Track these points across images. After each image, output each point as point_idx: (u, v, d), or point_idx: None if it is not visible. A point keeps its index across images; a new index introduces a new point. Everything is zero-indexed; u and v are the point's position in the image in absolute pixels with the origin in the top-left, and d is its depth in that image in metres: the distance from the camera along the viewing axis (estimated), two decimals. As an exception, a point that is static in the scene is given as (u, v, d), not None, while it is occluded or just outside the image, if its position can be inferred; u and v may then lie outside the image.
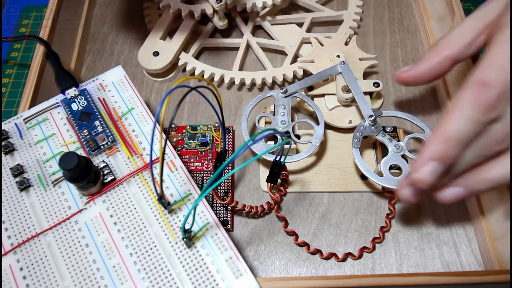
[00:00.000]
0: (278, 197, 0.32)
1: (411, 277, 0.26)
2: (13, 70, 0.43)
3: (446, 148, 0.23)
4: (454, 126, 0.22)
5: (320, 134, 0.32)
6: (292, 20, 0.42)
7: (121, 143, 0.30)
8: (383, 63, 0.41)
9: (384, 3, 0.45)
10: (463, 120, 0.22)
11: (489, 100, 0.22)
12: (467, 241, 0.32)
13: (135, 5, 0.46)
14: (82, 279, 0.25)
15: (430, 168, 0.23)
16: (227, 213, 0.32)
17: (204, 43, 0.41)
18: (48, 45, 0.35)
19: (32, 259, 0.26)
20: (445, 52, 0.27)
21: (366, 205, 0.33)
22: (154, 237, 0.26)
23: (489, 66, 0.22)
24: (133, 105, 0.31)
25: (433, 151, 0.23)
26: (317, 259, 0.31)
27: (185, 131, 0.35)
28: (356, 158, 0.31)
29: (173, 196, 0.28)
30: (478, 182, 0.24)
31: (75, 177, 0.26)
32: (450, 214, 0.33)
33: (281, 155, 0.30)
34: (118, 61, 0.41)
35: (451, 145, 0.23)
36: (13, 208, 0.27)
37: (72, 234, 0.27)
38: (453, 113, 0.23)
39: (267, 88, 0.39)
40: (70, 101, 0.31)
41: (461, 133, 0.22)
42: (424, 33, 0.42)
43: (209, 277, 0.25)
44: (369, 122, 0.32)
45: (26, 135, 0.30)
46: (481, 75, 0.22)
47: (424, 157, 0.23)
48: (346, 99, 0.34)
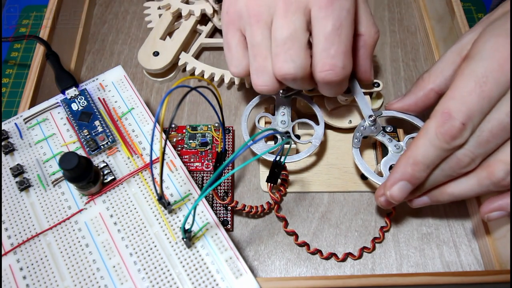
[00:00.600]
0: (278, 197, 0.32)
1: (411, 277, 0.26)
2: (13, 70, 0.43)
3: (413, 171, 0.26)
4: (420, 151, 0.25)
5: (320, 134, 0.32)
6: (292, 20, 0.42)
7: (121, 143, 0.30)
8: (383, 63, 0.41)
9: (384, 3, 0.45)
10: (429, 146, 0.25)
11: (451, 130, 0.24)
12: (467, 241, 0.32)
13: (135, 5, 0.46)
14: (82, 279, 0.25)
15: (399, 187, 0.27)
16: (227, 213, 0.32)
17: (204, 43, 0.41)
18: (48, 45, 0.35)
19: (32, 259, 0.26)
20: (429, 85, 0.29)
21: (366, 205, 0.33)
22: (154, 237, 0.26)
23: (452, 97, 0.25)
24: (133, 105, 0.31)
25: (402, 172, 0.26)
26: (317, 259, 0.31)
27: (185, 131, 0.35)
28: (356, 158, 0.31)
29: (173, 196, 0.28)
30: (441, 194, 0.27)
31: (75, 177, 0.26)
32: (450, 214, 0.33)
33: (281, 155, 0.30)
34: (118, 61, 0.41)
35: (418, 168, 0.26)
36: (13, 208, 0.27)
37: (72, 234, 0.27)
38: (420, 140, 0.25)
39: (267, 88, 0.39)
40: (70, 101, 0.31)
41: (427, 159, 0.25)
42: (424, 33, 0.42)
43: (209, 277, 0.25)
44: (369, 122, 0.32)
45: (26, 135, 0.30)
46: (445, 106, 0.25)
47: (394, 177, 0.27)
48: (346, 99, 0.34)
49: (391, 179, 0.27)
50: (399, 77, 0.40)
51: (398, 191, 0.27)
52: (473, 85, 0.24)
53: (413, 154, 0.26)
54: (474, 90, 0.24)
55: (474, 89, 0.24)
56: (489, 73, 0.24)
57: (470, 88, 0.24)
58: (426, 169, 0.26)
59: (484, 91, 0.24)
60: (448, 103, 0.25)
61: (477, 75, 0.24)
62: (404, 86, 0.39)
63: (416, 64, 0.40)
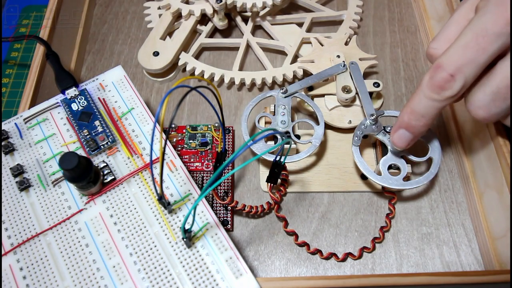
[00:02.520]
0: (278, 197, 0.32)
1: (411, 277, 0.26)
2: (13, 70, 0.43)
3: (409, 119, 0.27)
4: (415, 101, 0.27)
5: (320, 134, 0.32)
6: (292, 20, 0.42)
7: (121, 143, 0.30)
8: (383, 63, 0.41)
9: (384, 3, 0.45)
10: (422, 97, 0.26)
11: (439, 81, 0.25)
12: (467, 241, 0.32)
13: (135, 5, 0.46)
14: (82, 279, 0.25)
15: (399, 134, 0.28)
16: (227, 213, 0.32)
17: (204, 43, 0.41)
18: (48, 45, 0.35)
19: (32, 259, 0.26)
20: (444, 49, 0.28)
21: (366, 205, 0.33)
22: (154, 237, 0.26)
23: (447, 51, 0.25)
24: (133, 105, 0.31)
25: (400, 121, 0.28)
26: (317, 259, 0.31)
27: (185, 131, 0.35)
28: (356, 156, 0.31)
29: (173, 196, 0.28)
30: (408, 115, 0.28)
31: (75, 177, 0.26)
32: (450, 214, 0.33)
33: (281, 155, 0.30)
34: (118, 61, 0.41)
35: (413, 117, 0.27)
36: (13, 208, 0.27)
37: (72, 234, 0.27)
38: (417, 90, 0.27)
39: (267, 88, 0.39)
40: (70, 101, 0.31)
41: (421, 108, 0.27)
42: (424, 33, 0.42)
43: (209, 277, 0.25)
44: (370, 121, 0.32)
45: (26, 135, 0.30)
46: (439, 59, 0.25)
47: (396, 125, 0.29)
48: (346, 99, 0.34)
49: (394, 127, 0.29)
50: (399, 77, 0.40)
51: (398, 138, 0.29)
52: (469, 38, 0.24)
53: (409, 103, 0.27)
54: (469, 42, 0.24)
55: (470, 42, 0.24)
56: (490, 26, 0.23)
57: (467, 41, 0.24)
58: (421, 118, 0.27)
59: (480, 43, 0.24)
60: (442, 56, 0.25)
61: (476, 28, 0.24)
62: (404, 86, 0.39)
63: (416, 64, 0.40)
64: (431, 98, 0.26)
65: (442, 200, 0.33)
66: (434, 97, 0.26)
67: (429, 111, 0.26)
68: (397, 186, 0.30)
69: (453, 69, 0.24)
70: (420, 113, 0.27)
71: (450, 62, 0.25)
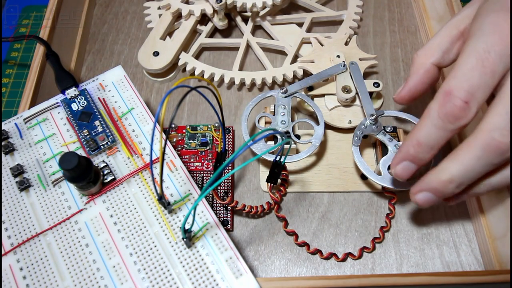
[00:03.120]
0: (278, 197, 0.32)
1: (411, 277, 0.26)
2: (13, 70, 0.43)
3: (416, 152, 0.25)
4: (423, 132, 0.25)
5: (320, 134, 0.32)
6: (292, 20, 0.42)
7: (121, 143, 0.30)
8: (383, 63, 0.41)
9: (384, 3, 0.45)
10: (431, 128, 0.24)
11: (453, 110, 0.23)
12: (467, 241, 0.32)
13: (135, 5, 0.46)
14: (82, 279, 0.25)
15: (402, 166, 0.26)
16: (227, 213, 0.32)
17: (204, 43, 0.41)
18: (48, 45, 0.35)
19: (32, 259, 0.26)
20: (429, 60, 0.29)
21: (366, 205, 0.33)
22: (154, 237, 0.26)
23: (453, 76, 0.24)
24: (133, 105, 0.31)
25: (405, 152, 0.26)
26: (317, 259, 0.31)
27: (185, 131, 0.35)
28: (356, 156, 0.31)
29: (173, 196, 0.28)
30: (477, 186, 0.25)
31: (75, 177, 0.26)
32: (450, 214, 0.33)
33: (281, 155, 0.30)
34: (118, 61, 0.41)
35: (421, 149, 0.25)
36: (13, 208, 0.27)
37: (72, 234, 0.27)
38: (423, 120, 0.25)
39: (267, 88, 0.39)
40: (70, 101, 0.31)
41: (430, 140, 0.25)
42: (424, 33, 0.42)
43: (209, 277, 0.25)
44: (370, 121, 0.32)
45: (26, 135, 0.30)
46: (446, 85, 0.24)
47: (399, 156, 0.26)
48: (346, 99, 0.34)
49: (396, 158, 0.27)
50: (399, 77, 0.40)
51: (402, 170, 0.26)
52: (474, 61, 0.23)
53: (416, 135, 0.25)
54: (475, 66, 0.23)
55: (475, 65, 0.23)
56: (491, 48, 0.23)
57: (472, 65, 0.23)
58: (430, 150, 0.25)
59: (486, 66, 0.23)
60: (450, 82, 0.24)
61: (478, 51, 0.23)
62: (404, 86, 0.39)
63: (416, 64, 0.40)
64: (443, 129, 0.24)
65: (442, 200, 0.33)
66: (447, 127, 0.24)
67: (439, 142, 0.25)
68: (397, 186, 0.30)
69: (466, 95, 0.23)
70: (430, 145, 0.25)
71: (461, 88, 0.23)
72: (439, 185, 0.25)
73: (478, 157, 0.23)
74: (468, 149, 0.23)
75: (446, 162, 0.24)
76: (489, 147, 0.22)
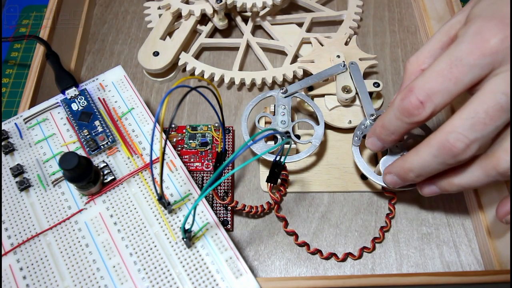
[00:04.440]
0: (278, 197, 0.32)
1: (411, 277, 0.26)
2: (13, 70, 0.43)
3: (381, 133, 0.28)
4: (387, 118, 0.27)
5: (320, 134, 0.32)
6: (292, 20, 0.42)
7: (121, 143, 0.30)
8: (383, 63, 0.41)
9: (384, 3, 0.45)
10: (392, 116, 0.26)
11: (408, 106, 0.25)
12: (467, 241, 0.32)
13: (135, 5, 0.46)
14: (82, 279, 0.25)
15: (371, 141, 0.29)
16: (227, 213, 0.32)
17: (204, 43, 0.41)
18: (48, 45, 0.35)
19: (32, 259, 0.26)
20: (420, 67, 0.29)
21: (366, 205, 0.33)
22: (154, 237, 0.26)
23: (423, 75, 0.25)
24: (133, 105, 0.31)
25: (373, 131, 0.29)
26: (317, 259, 0.31)
27: (185, 131, 0.35)
28: (356, 156, 0.31)
29: (173, 196, 0.28)
30: (448, 184, 0.27)
31: (75, 177, 0.26)
32: (450, 214, 0.33)
33: (281, 155, 0.30)
34: (118, 61, 0.41)
35: (384, 131, 0.28)
36: (13, 208, 0.27)
37: (72, 234, 0.27)
38: (389, 107, 0.27)
39: (267, 88, 0.39)
40: (70, 101, 0.31)
41: (391, 126, 0.27)
42: (424, 33, 0.42)
43: (209, 277, 0.25)
44: (370, 121, 0.32)
45: (26, 135, 0.30)
46: (414, 81, 0.25)
47: (370, 132, 0.29)
48: (346, 99, 0.34)
49: (369, 132, 0.29)
50: (399, 77, 0.40)
51: (370, 144, 0.29)
52: (444, 66, 0.24)
53: (382, 118, 0.28)
54: (443, 70, 0.24)
55: (443, 70, 0.24)
56: (464, 56, 0.23)
57: (441, 68, 0.24)
58: (391, 134, 0.27)
59: (453, 73, 0.23)
60: (417, 79, 0.25)
61: (451, 57, 0.24)
62: (404, 86, 0.39)
63: (416, 64, 0.40)
64: (400, 120, 0.26)
65: (442, 200, 0.33)
66: (404, 119, 0.26)
67: (398, 130, 0.27)
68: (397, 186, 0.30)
69: (423, 95, 0.24)
70: (390, 130, 0.27)
71: (421, 88, 0.24)
72: (401, 171, 0.27)
73: (433, 155, 0.25)
74: (427, 146, 0.25)
75: (411, 153, 0.26)
76: (443, 148, 0.24)
